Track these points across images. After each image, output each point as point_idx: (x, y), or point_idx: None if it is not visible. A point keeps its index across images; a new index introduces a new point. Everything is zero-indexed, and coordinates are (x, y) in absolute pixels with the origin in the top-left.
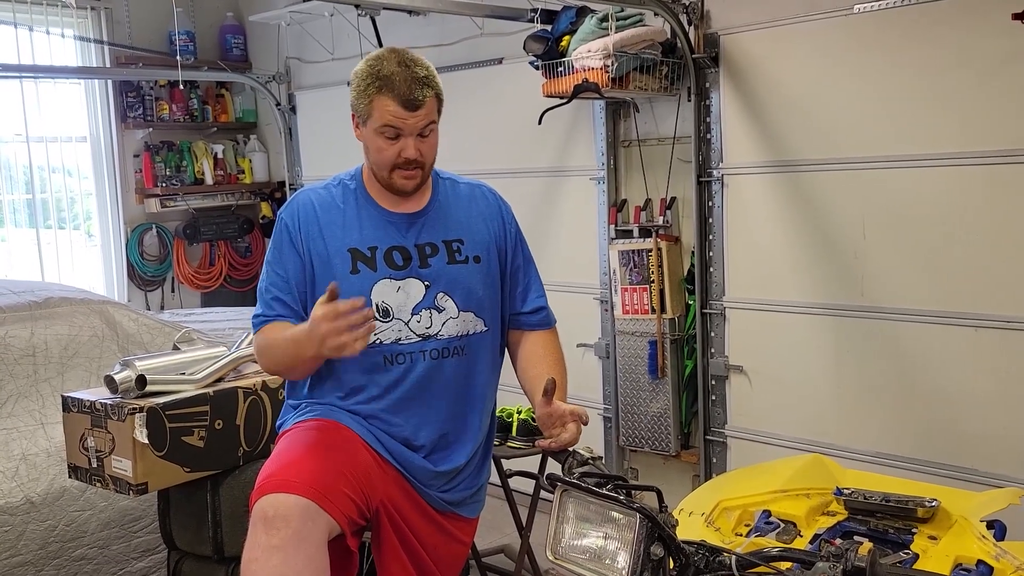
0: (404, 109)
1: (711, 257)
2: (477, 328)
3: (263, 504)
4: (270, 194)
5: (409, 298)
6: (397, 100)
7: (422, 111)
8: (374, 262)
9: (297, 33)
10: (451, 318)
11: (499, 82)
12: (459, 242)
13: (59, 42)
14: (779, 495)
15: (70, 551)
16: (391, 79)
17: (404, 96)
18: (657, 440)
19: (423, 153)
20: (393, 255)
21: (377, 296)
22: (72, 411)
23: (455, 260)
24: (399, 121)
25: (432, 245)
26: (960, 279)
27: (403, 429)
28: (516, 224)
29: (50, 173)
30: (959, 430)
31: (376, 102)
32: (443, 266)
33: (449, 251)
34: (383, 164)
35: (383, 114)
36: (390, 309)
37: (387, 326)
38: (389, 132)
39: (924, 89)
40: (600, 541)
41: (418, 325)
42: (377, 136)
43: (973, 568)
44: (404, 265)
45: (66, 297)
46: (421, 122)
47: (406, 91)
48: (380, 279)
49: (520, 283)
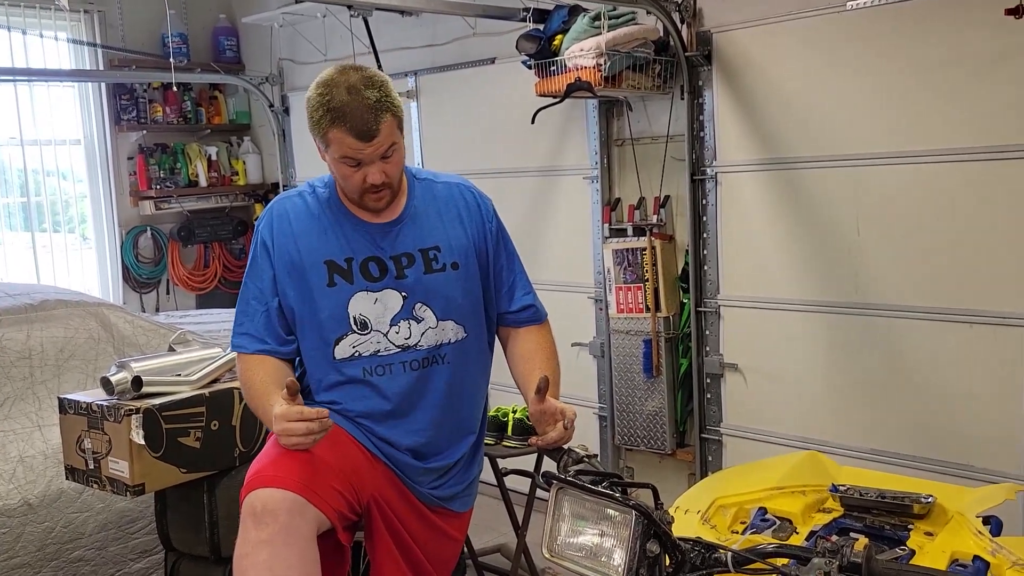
0: (360, 141)
1: (705, 255)
2: (458, 336)
3: (251, 499)
4: (264, 195)
5: (387, 309)
6: (352, 133)
7: (379, 138)
8: (351, 274)
9: (290, 34)
10: (430, 328)
11: (492, 82)
12: (435, 250)
13: (52, 45)
14: (775, 492)
15: (68, 553)
16: (342, 111)
17: (358, 129)
18: (652, 439)
19: (388, 174)
20: (369, 266)
21: (354, 309)
22: (69, 413)
23: (432, 269)
24: (357, 153)
25: (408, 256)
26: (954, 275)
27: (388, 437)
28: (498, 220)
29: (44, 176)
30: (954, 426)
31: (331, 134)
32: (420, 276)
33: (425, 260)
34: (351, 190)
35: (340, 147)
36: (368, 321)
37: (366, 338)
38: (350, 162)
39: (917, 85)
40: (596, 539)
41: (397, 336)
42: (340, 164)
43: (969, 564)
44: (380, 276)
45: (61, 300)
46: (380, 149)
47: (359, 124)
48: (356, 291)
49: (505, 283)
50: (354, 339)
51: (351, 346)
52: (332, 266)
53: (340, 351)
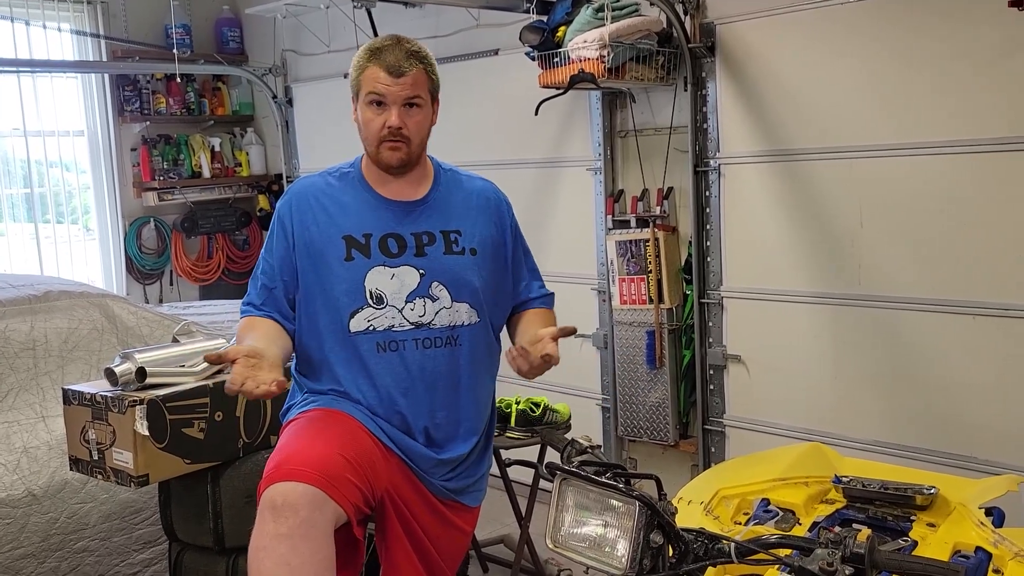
0: (389, 75)
1: (708, 247)
2: (471, 319)
3: (271, 493)
4: (267, 187)
5: (403, 286)
6: (383, 67)
7: (407, 79)
8: (368, 249)
9: (293, 26)
10: (444, 308)
11: (495, 73)
12: (457, 233)
13: (55, 36)
14: (778, 483)
15: (72, 543)
16: (382, 51)
17: (390, 64)
18: (655, 430)
19: (408, 125)
20: (388, 242)
21: (371, 283)
22: (73, 404)
23: (452, 251)
24: (383, 87)
25: (429, 234)
26: (957, 267)
27: (398, 417)
28: (515, 220)
29: (48, 167)
30: (957, 418)
31: (366, 72)
32: (439, 255)
33: (447, 241)
34: (371, 137)
35: (370, 82)
36: (384, 296)
37: (380, 313)
38: (375, 99)
39: (921, 77)
40: (600, 529)
41: (412, 313)
42: (366, 108)
43: (971, 555)
44: (399, 252)
45: (65, 291)
46: (406, 91)
47: (392, 60)
48: (374, 266)
49: (524, 278)
50: (369, 313)
51: (366, 320)
52: (350, 241)
53: (355, 324)
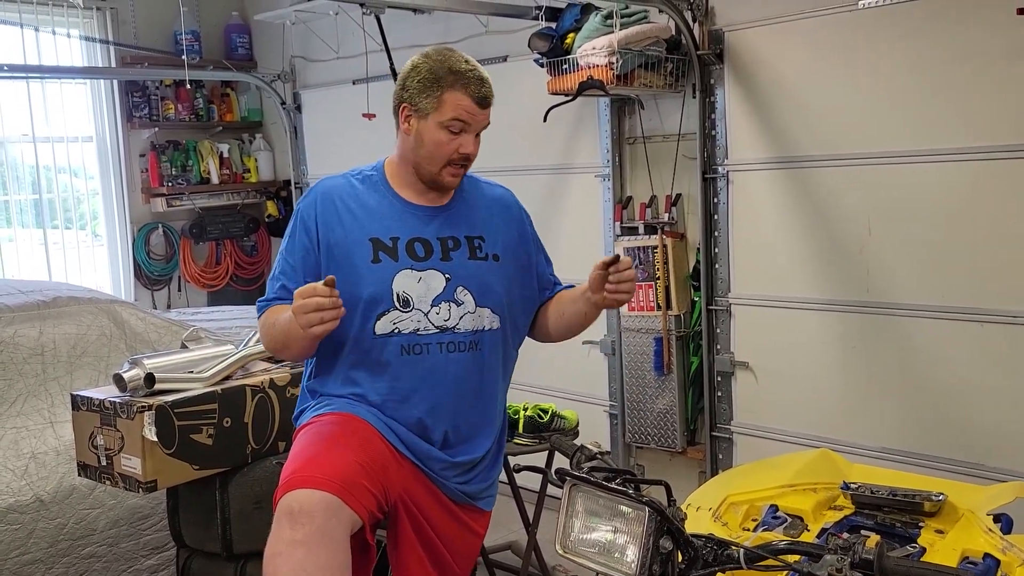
0: (477, 105)
1: (716, 253)
2: (493, 325)
3: (288, 500)
4: (276, 193)
5: (430, 289)
6: (471, 96)
7: (488, 110)
8: (396, 252)
9: (302, 32)
10: (468, 312)
11: (504, 80)
12: (480, 239)
13: (65, 42)
14: (786, 490)
15: (79, 549)
16: (465, 75)
17: (477, 93)
18: (663, 436)
19: (475, 152)
20: (415, 246)
21: (398, 286)
22: (81, 409)
23: (476, 256)
24: (470, 116)
25: (454, 239)
26: (965, 274)
27: (416, 422)
28: (534, 229)
29: (56, 173)
30: (965, 425)
31: (448, 95)
32: (464, 260)
33: (471, 246)
34: (438, 158)
35: (455, 108)
36: (410, 299)
37: (407, 316)
38: (455, 126)
39: (929, 84)
40: (609, 535)
41: (437, 317)
42: (440, 130)
43: (980, 561)
44: (425, 256)
45: (74, 296)
46: (486, 120)
47: (478, 88)
48: (401, 269)
49: (549, 280)
50: (395, 316)
51: (391, 322)
52: (377, 244)
53: (381, 327)
